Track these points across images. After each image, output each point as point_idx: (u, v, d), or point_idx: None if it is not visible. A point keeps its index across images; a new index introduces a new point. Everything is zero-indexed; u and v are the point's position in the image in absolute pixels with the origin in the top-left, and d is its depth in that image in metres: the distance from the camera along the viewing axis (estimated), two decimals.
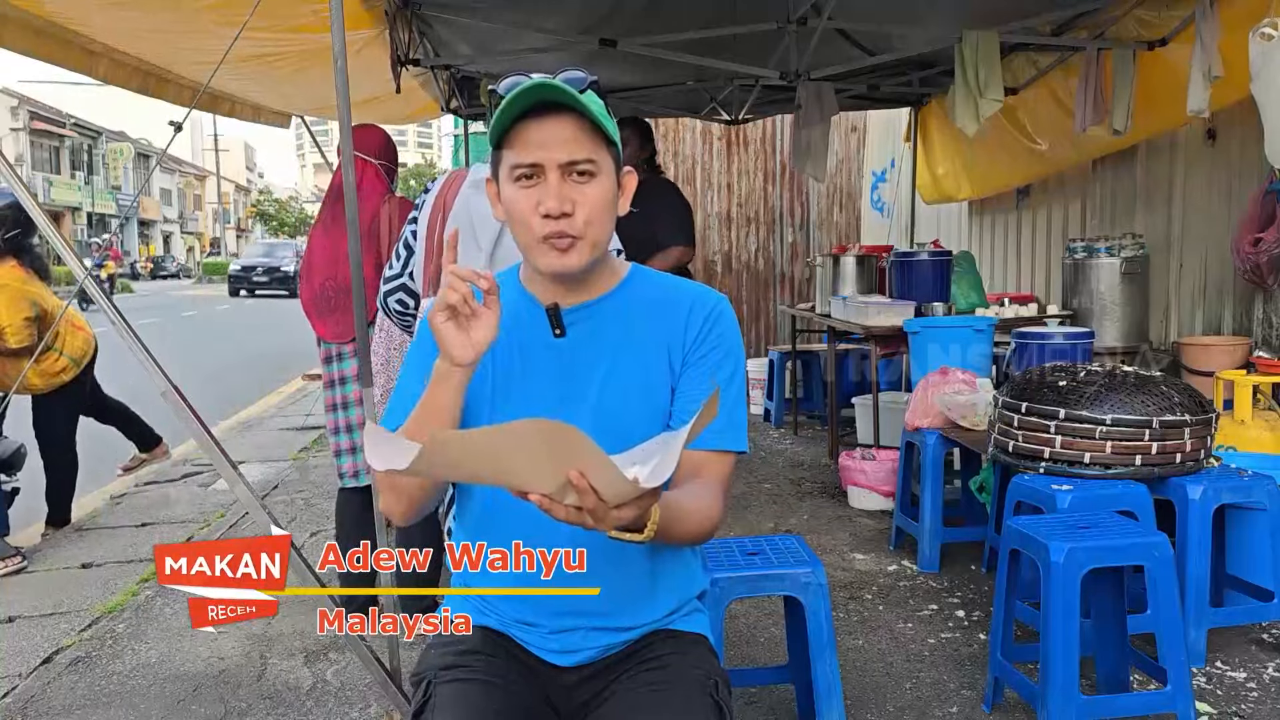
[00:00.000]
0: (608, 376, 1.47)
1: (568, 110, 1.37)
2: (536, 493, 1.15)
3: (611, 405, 1.45)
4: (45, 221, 2.58)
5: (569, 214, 1.38)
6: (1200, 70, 3.81)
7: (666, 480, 1.18)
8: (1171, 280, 4.96)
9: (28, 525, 4.84)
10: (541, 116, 1.37)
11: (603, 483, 1.13)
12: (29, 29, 3.27)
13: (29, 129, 33.17)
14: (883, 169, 8.55)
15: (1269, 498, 2.96)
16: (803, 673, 2.42)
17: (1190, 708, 2.46)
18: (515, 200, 1.41)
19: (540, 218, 1.38)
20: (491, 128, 1.40)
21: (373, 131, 3.54)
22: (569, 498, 1.15)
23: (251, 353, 13.43)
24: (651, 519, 1.23)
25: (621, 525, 1.18)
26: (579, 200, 1.39)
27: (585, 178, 1.39)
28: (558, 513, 1.16)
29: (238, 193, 65.17)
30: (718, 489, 1.45)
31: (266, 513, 2.54)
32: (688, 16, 4.66)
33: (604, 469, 1.12)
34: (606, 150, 1.42)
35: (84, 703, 2.93)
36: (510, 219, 1.43)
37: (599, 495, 1.13)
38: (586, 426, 1.41)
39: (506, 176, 1.41)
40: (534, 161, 1.38)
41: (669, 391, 1.48)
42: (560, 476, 1.13)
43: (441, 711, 1.38)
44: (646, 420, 1.46)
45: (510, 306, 1.49)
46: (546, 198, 1.37)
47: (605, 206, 1.42)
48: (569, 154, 1.37)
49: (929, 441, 3.85)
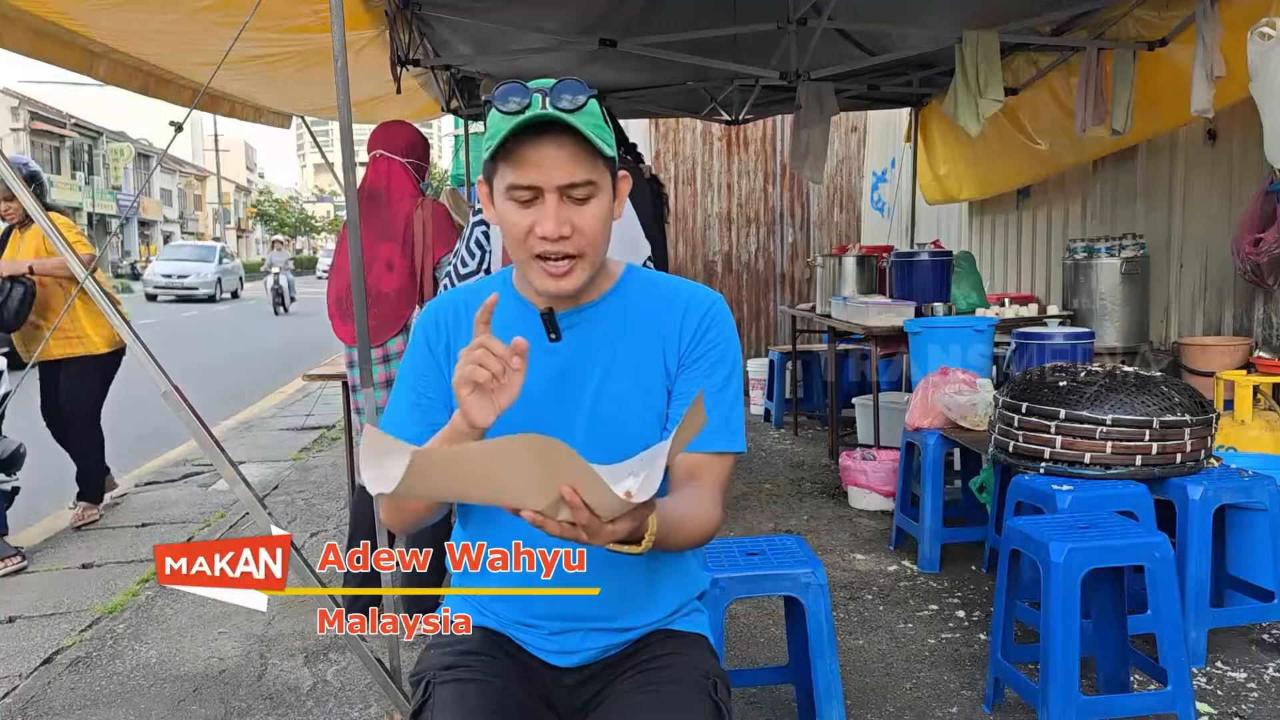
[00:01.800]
0: (604, 380, 1.45)
1: (566, 128, 1.32)
2: (529, 510, 1.15)
3: (608, 409, 1.44)
4: (46, 222, 2.58)
5: (567, 236, 1.36)
6: (1203, 70, 3.82)
7: (661, 488, 1.17)
8: (1171, 280, 4.96)
9: (28, 525, 4.84)
10: (540, 135, 1.33)
11: (594, 498, 1.12)
12: (29, 29, 3.27)
13: (29, 129, 33.15)
14: (883, 169, 8.55)
15: (1269, 498, 2.96)
16: (803, 673, 2.42)
17: (1190, 708, 2.46)
18: (511, 219, 1.38)
19: (537, 238, 1.36)
20: (486, 139, 1.37)
21: (398, 128, 3.48)
22: (562, 513, 1.14)
23: (251, 353, 13.43)
24: (649, 530, 1.22)
25: (617, 539, 1.18)
26: (577, 222, 1.36)
27: (583, 199, 1.36)
28: (551, 528, 1.15)
29: (238, 193, 65.17)
30: (715, 492, 1.44)
31: (267, 513, 2.54)
32: (688, 16, 4.66)
33: (594, 485, 1.10)
34: (604, 165, 1.39)
35: (84, 703, 2.93)
36: (505, 233, 1.41)
37: (592, 510, 1.13)
38: (582, 431, 1.42)
39: (502, 192, 1.38)
40: (531, 184, 1.34)
41: (666, 394, 1.47)
42: (552, 493, 1.11)
43: (440, 711, 1.38)
44: (644, 424, 1.45)
45: (505, 311, 1.48)
46: (545, 220, 1.34)
47: (603, 225, 1.39)
48: (568, 176, 1.34)
49: (929, 442, 3.85)
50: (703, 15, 4.66)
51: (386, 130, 3.45)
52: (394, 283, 3.27)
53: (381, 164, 3.38)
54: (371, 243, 3.22)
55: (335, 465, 6.03)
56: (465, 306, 1.51)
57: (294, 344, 14.21)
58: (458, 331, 1.50)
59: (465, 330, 1.48)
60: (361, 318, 2.65)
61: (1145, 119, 4.54)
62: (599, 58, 5.04)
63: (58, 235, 2.55)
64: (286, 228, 54.90)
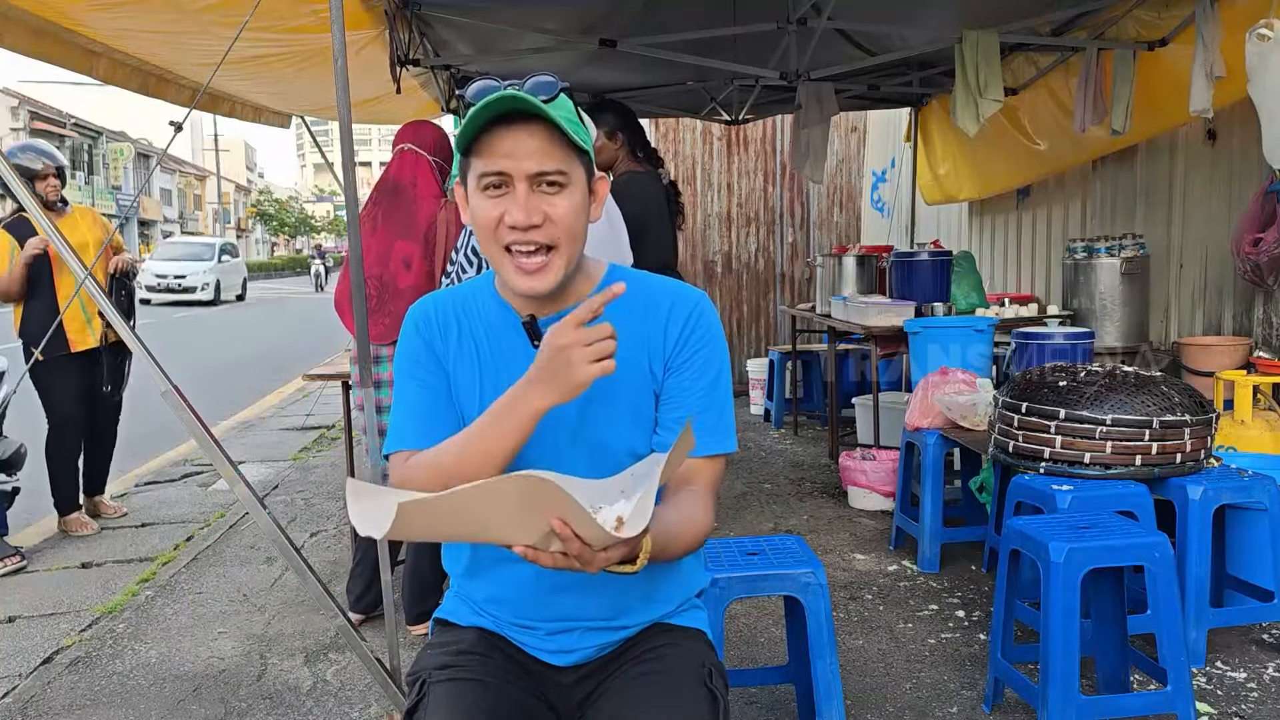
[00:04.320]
0: (589, 387, 1.44)
1: (538, 119, 1.32)
2: (520, 544, 1.15)
3: (593, 415, 1.43)
4: (47, 222, 2.58)
5: (537, 225, 1.34)
6: (1203, 70, 3.82)
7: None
8: (1171, 280, 4.96)
9: (28, 525, 4.84)
10: (510, 124, 1.32)
11: (583, 528, 1.12)
12: (29, 29, 3.26)
13: (29, 129, 33.14)
14: (883, 169, 8.55)
15: (1269, 498, 2.96)
16: (803, 673, 2.42)
17: (1190, 708, 2.46)
18: (482, 209, 1.37)
19: (506, 228, 1.35)
20: (459, 134, 1.37)
21: (427, 127, 3.43)
22: (554, 545, 1.14)
23: (251, 353, 13.42)
24: (644, 549, 1.22)
25: (612, 563, 1.18)
26: (549, 212, 1.35)
27: (555, 189, 1.35)
28: (544, 560, 1.16)
29: (238, 193, 65.14)
30: (708, 496, 1.44)
31: (267, 513, 2.54)
32: (688, 16, 4.66)
33: (582, 519, 1.11)
34: (578, 159, 1.37)
35: (84, 703, 2.93)
36: (476, 228, 1.39)
37: (584, 540, 1.13)
38: (568, 438, 1.42)
39: (474, 185, 1.37)
40: (501, 170, 1.34)
41: (653, 398, 1.46)
42: (542, 527, 1.12)
43: (436, 710, 1.37)
44: (631, 430, 1.44)
45: (489, 318, 1.48)
46: (514, 208, 1.33)
47: (576, 218, 1.37)
48: (538, 164, 1.33)
49: (929, 442, 3.85)
50: (703, 15, 4.66)
51: (416, 127, 3.40)
52: (410, 280, 3.23)
53: (409, 158, 3.31)
54: (390, 237, 3.19)
55: (335, 465, 6.03)
56: (454, 308, 1.50)
57: (295, 344, 14.20)
58: (446, 333, 1.49)
59: (454, 332, 1.48)
60: (361, 317, 2.65)
61: (1145, 119, 4.54)
62: (599, 58, 5.04)
63: (58, 236, 2.55)
64: (286, 227, 54.88)
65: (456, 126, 7.72)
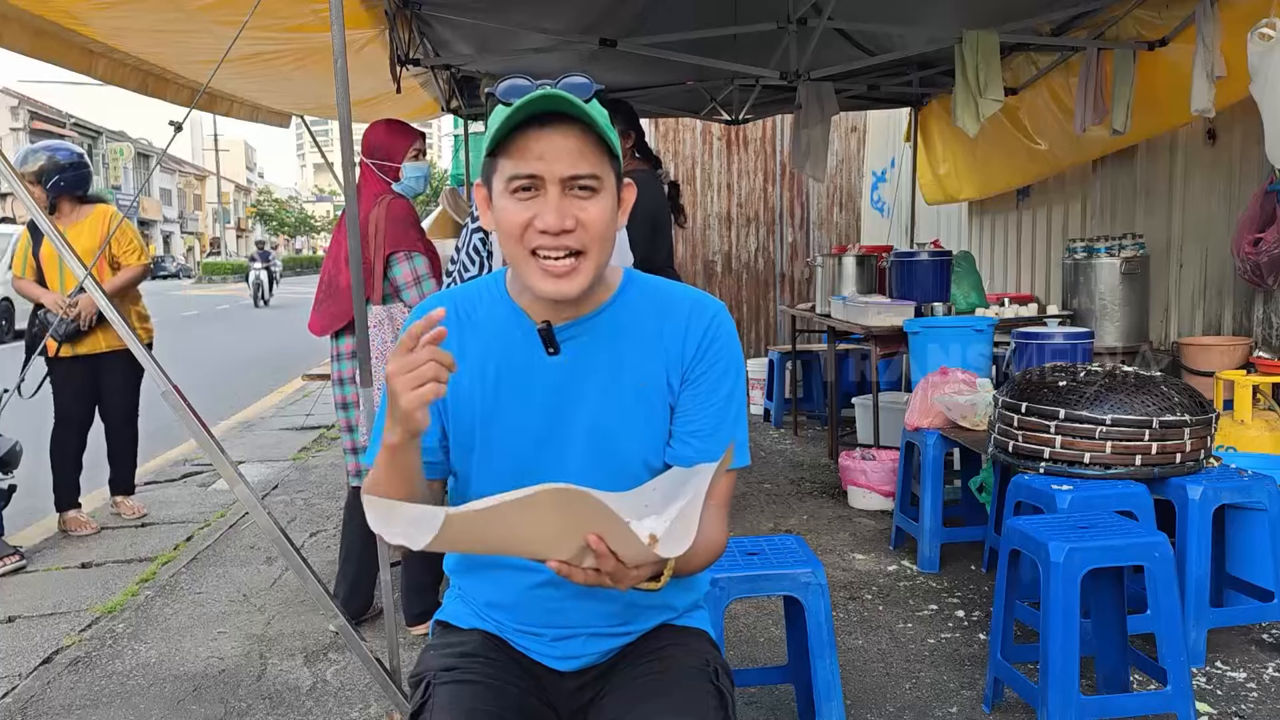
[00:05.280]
0: (603, 396, 1.41)
1: (573, 120, 1.28)
2: (555, 560, 1.14)
3: (607, 425, 1.41)
4: (47, 222, 2.58)
5: (569, 230, 1.29)
6: (1203, 70, 3.81)
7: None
8: (1171, 280, 4.96)
9: (28, 525, 4.84)
10: (544, 125, 1.27)
11: (621, 546, 1.11)
12: (29, 29, 3.26)
13: (29, 129, 33.14)
14: (883, 169, 8.56)
15: (1269, 498, 2.96)
16: (803, 673, 2.42)
17: (1190, 708, 2.46)
18: (509, 212, 1.31)
19: (536, 232, 1.30)
20: (489, 134, 1.31)
21: (370, 129, 3.46)
22: (587, 560, 1.14)
23: (251, 353, 13.42)
24: (668, 566, 1.23)
25: (640, 580, 1.19)
26: (581, 217, 1.30)
27: (587, 193, 1.30)
28: (576, 576, 1.15)
29: (238, 193, 65.16)
30: (722, 511, 1.44)
31: (266, 513, 2.54)
32: (688, 16, 4.66)
33: (622, 534, 1.10)
34: (610, 164, 1.33)
35: (84, 703, 2.93)
36: (500, 230, 1.34)
37: (618, 558, 1.13)
38: (581, 448, 1.40)
39: (502, 187, 1.32)
40: (533, 173, 1.28)
41: (668, 410, 1.43)
42: (577, 541, 1.11)
43: (440, 712, 1.37)
44: (645, 441, 1.42)
45: (499, 322, 1.44)
46: (546, 212, 1.28)
47: (607, 224, 1.33)
48: (572, 168, 1.28)
49: (929, 441, 3.85)
50: (703, 15, 4.66)
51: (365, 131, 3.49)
52: (348, 279, 3.30)
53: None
54: (340, 240, 3.28)
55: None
56: (460, 308, 1.47)
57: (295, 344, 14.20)
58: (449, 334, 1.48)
59: (458, 331, 1.45)
60: (362, 317, 2.65)
61: (1145, 119, 4.54)
62: (599, 58, 5.04)
63: (60, 239, 2.55)
64: (286, 227, 54.88)
65: (457, 126, 7.69)
